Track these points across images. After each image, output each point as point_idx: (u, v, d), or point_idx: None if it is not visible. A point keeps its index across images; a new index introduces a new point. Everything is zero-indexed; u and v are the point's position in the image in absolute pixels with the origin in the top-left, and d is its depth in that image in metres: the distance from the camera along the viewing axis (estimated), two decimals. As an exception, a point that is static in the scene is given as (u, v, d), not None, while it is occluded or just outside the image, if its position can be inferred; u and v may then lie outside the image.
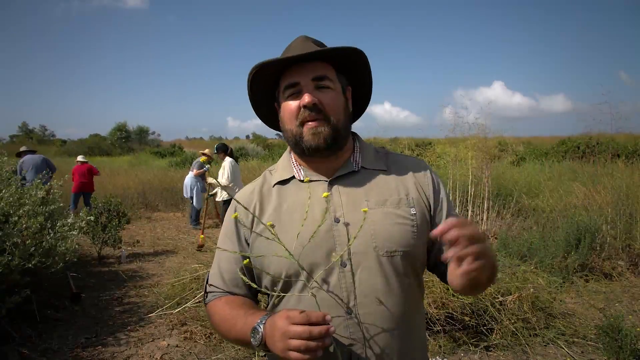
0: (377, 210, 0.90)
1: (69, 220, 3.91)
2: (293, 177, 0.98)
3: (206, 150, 7.67)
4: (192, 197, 7.57)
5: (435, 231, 0.72)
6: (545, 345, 3.01)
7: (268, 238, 0.85)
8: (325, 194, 0.87)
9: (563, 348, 2.96)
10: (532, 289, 3.25)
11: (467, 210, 6.34)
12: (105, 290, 4.33)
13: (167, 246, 6.41)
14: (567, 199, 6.16)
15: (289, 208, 0.93)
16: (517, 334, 3.00)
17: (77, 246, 3.78)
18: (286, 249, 0.82)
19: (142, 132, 39.37)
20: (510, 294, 3.18)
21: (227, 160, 6.15)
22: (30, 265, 3.16)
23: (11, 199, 3.45)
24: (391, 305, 0.86)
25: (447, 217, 0.95)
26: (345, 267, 0.87)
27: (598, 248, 4.68)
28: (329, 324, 0.74)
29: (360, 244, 0.87)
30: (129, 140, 36.57)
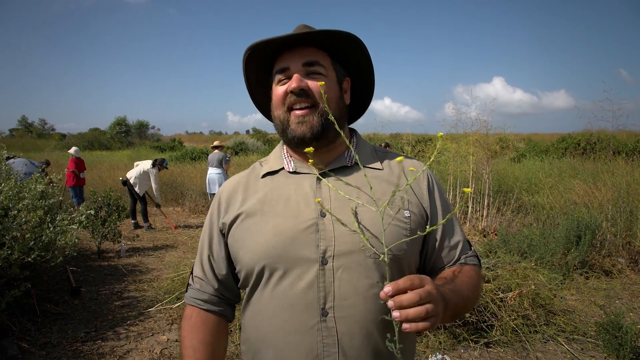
0: (368, 209, 0.82)
1: (71, 214, 3.90)
2: (283, 168, 0.93)
3: (215, 143, 7.93)
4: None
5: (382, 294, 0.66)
6: (545, 342, 3.01)
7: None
8: (317, 199, 0.83)
9: (563, 345, 2.96)
10: (532, 286, 3.25)
11: (467, 207, 6.34)
12: (105, 285, 4.33)
13: (167, 241, 6.40)
14: (567, 195, 6.16)
15: (273, 199, 0.88)
16: (517, 331, 3.00)
17: (76, 240, 3.76)
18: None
19: (142, 127, 39.29)
20: (511, 291, 3.17)
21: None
22: (29, 259, 3.15)
23: (10, 192, 3.44)
24: (372, 312, 0.79)
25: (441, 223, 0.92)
26: (326, 264, 0.80)
27: (598, 245, 4.68)
28: None
29: (346, 242, 0.80)
30: (128, 134, 36.52)
